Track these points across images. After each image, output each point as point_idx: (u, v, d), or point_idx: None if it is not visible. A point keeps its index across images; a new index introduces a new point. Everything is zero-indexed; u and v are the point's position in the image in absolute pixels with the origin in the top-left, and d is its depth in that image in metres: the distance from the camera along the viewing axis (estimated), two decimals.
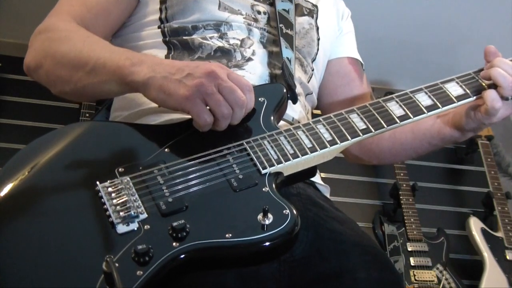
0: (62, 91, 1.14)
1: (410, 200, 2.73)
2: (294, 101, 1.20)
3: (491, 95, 1.11)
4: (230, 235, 0.87)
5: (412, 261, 2.58)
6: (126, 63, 1.01)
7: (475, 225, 2.72)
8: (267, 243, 0.88)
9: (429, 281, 2.53)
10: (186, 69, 0.97)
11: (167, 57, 1.22)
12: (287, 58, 1.24)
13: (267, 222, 0.89)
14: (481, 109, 1.13)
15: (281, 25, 1.28)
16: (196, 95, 0.94)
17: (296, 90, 1.23)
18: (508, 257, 2.60)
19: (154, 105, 1.16)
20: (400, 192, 2.74)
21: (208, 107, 0.97)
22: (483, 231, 2.69)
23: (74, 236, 0.87)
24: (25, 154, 0.97)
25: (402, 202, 2.72)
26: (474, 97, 1.13)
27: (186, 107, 0.95)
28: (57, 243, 0.86)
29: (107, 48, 1.09)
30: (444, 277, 2.56)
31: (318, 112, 1.44)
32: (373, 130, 1.07)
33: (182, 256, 0.85)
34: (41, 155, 0.97)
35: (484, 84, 1.14)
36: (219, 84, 0.95)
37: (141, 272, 0.81)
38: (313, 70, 1.37)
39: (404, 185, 2.76)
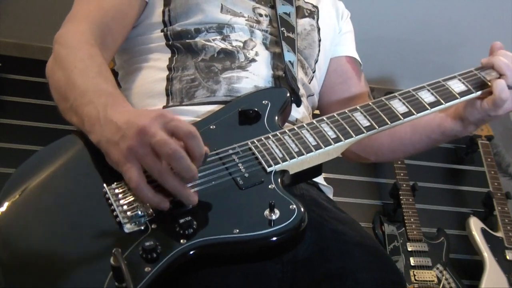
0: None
1: (410, 200, 2.73)
2: (298, 104, 1.21)
3: (499, 85, 1.11)
4: (238, 230, 0.87)
5: (412, 261, 2.58)
6: (85, 121, 0.98)
7: (475, 225, 2.72)
8: (274, 238, 0.88)
9: (429, 281, 2.53)
10: (123, 128, 0.90)
11: (171, 60, 1.23)
12: (290, 61, 1.25)
13: (274, 217, 0.89)
14: (488, 100, 1.14)
15: (282, 28, 1.29)
16: (128, 159, 0.89)
17: (299, 92, 1.23)
18: (508, 257, 2.60)
19: (158, 107, 1.17)
20: (400, 192, 2.74)
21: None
22: (483, 231, 2.69)
23: (84, 237, 0.87)
24: (35, 160, 0.99)
25: (402, 202, 2.72)
26: (477, 93, 1.14)
27: (121, 171, 0.91)
28: (66, 244, 0.86)
29: (84, 87, 1.02)
30: (444, 277, 2.56)
31: (317, 112, 1.45)
32: (377, 127, 1.07)
33: (190, 252, 0.85)
34: (50, 163, 0.98)
35: (486, 80, 1.15)
36: (150, 143, 0.87)
37: (149, 269, 0.82)
38: (314, 72, 1.37)
39: (404, 185, 2.76)
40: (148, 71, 1.25)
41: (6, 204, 0.91)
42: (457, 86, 1.14)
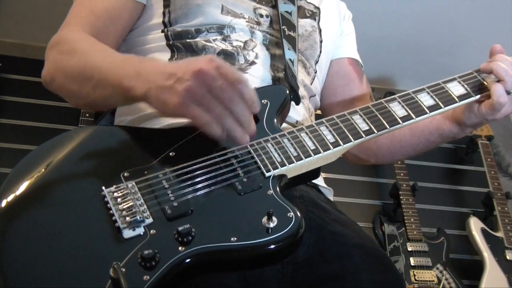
0: (76, 104, 1.15)
1: (410, 200, 2.73)
2: (297, 102, 1.21)
3: (498, 90, 1.11)
4: (235, 238, 0.87)
5: (412, 261, 2.59)
6: (125, 78, 0.99)
7: (475, 225, 2.72)
8: (272, 246, 0.88)
9: (429, 281, 2.53)
10: (176, 73, 0.93)
11: (170, 60, 1.22)
12: (290, 59, 1.25)
13: (271, 225, 0.89)
14: (486, 104, 1.14)
15: (283, 27, 1.28)
16: (187, 100, 0.91)
17: (300, 93, 1.23)
18: (508, 257, 2.61)
19: None
20: (400, 192, 2.74)
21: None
22: (483, 231, 2.70)
23: (81, 241, 0.87)
24: (31, 160, 0.97)
25: (402, 202, 2.72)
26: (476, 96, 1.14)
27: (182, 113, 0.93)
28: (64, 249, 0.86)
29: (109, 58, 1.07)
30: (444, 277, 2.56)
31: (318, 112, 1.45)
32: (375, 131, 1.07)
33: (188, 260, 0.85)
34: (47, 161, 0.97)
35: (486, 83, 1.15)
36: (209, 85, 0.91)
37: (148, 277, 0.82)
38: (315, 72, 1.37)
39: (404, 185, 2.76)
40: None
41: (2, 205, 0.90)
42: (456, 89, 1.14)
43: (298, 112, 1.23)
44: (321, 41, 1.39)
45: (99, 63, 1.06)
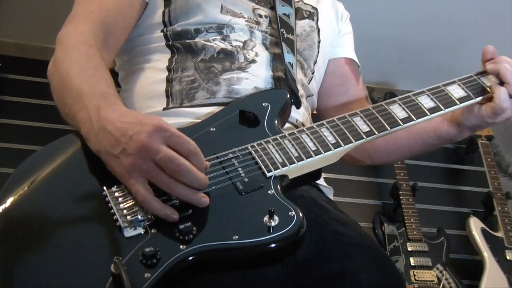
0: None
1: (410, 200, 2.73)
2: (298, 106, 1.21)
3: (501, 94, 1.11)
4: (237, 237, 0.88)
5: (412, 261, 2.58)
6: (81, 128, 0.98)
7: (475, 225, 2.72)
8: (273, 245, 0.88)
9: (429, 281, 2.53)
10: (122, 142, 0.89)
11: (170, 60, 1.23)
12: (289, 63, 1.25)
13: (273, 224, 0.89)
14: (487, 106, 1.14)
15: (282, 29, 1.29)
16: (131, 174, 0.89)
17: (299, 93, 1.23)
18: (508, 257, 2.60)
19: (158, 109, 1.17)
20: (400, 192, 2.74)
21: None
22: (483, 231, 2.69)
23: (83, 240, 0.87)
24: (32, 163, 0.98)
25: (402, 202, 2.72)
26: (477, 99, 1.14)
27: (125, 184, 0.92)
28: (65, 248, 0.86)
29: (78, 91, 1.01)
30: (444, 277, 2.56)
31: (314, 113, 1.45)
32: (376, 133, 1.07)
33: (189, 258, 0.85)
34: (48, 163, 0.97)
35: (486, 86, 1.15)
36: (153, 159, 0.88)
37: (149, 275, 0.82)
38: (313, 72, 1.38)
39: (404, 185, 2.76)
40: (148, 72, 1.24)
41: (5, 205, 0.91)
42: (456, 91, 1.14)
43: (298, 112, 1.24)
44: (319, 41, 1.39)
45: (72, 93, 1.02)
